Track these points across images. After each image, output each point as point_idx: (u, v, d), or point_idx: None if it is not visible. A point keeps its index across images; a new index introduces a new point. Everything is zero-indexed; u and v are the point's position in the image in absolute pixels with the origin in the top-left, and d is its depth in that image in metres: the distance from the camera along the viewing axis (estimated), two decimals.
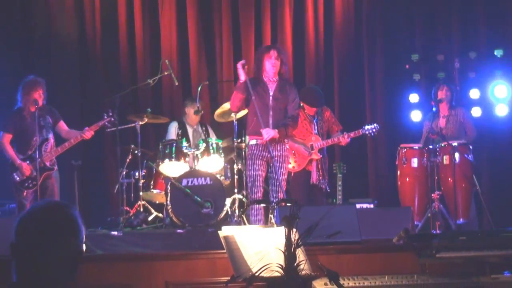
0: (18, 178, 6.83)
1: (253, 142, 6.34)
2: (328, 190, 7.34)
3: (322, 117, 7.40)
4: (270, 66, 6.32)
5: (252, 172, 6.26)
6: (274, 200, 6.13)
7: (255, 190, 6.23)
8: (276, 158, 6.24)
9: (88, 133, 6.99)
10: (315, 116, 7.35)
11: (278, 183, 6.20)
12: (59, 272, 2.10)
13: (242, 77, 6.27)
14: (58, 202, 2.27)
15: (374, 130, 7.40)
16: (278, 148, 6.28)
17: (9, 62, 8.81)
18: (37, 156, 6.71)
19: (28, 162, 6.81)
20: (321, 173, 7.25)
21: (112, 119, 7.14)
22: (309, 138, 7.29)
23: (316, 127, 7.31)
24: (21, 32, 8.94)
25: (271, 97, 6.32)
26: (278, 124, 6.28)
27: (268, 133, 6.17)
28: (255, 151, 6.29)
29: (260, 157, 6.26)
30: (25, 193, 6.76)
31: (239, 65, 6.31)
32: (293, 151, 7.26)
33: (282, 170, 6.25)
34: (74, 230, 2.15)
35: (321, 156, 7.27)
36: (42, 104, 6.97)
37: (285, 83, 6.43)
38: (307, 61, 9.40)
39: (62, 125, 7.18)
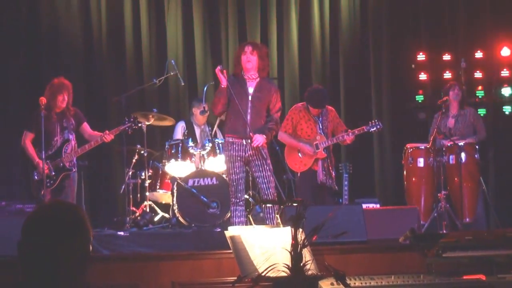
0: (36, 177, 6.89)
1: (229, 140, 6.32)
2: (337, 188, 7.31)
3: (327, 117, 7.38)
4: (246, 61, 6.29)
5: (233, 176, 6.24)
6: (267, 198, 6.17)
7: (239, 195, 6.23)
8: (256, 157, 6.22)
9: (108, 137, 7.02)
10: (320, 116, 7.33)
11: (266, 180, 6.21)
12: (65, 273, 2.10)
13: (224, 82, 6.25)
14: (65, 202, 2.27)
15: (377, 126, 7.36)
16: (258, 148, 6.25)
17: (15, 62, 8.83)
18: (43, 155, 6.73)
19: (47, 161, 6.86)
20: (327, 172, 7.23)
21: (133, 124, 7.16)
22: (314, 138, 7.27)
23: (321, 127, 7.29)
24: (27, 32, 8.95)
25: (250, 96, 6.29)
26: (256, 124, 6.25)
27: (258, 140, 6.17)
28: (232, 152, 6.26)
29: (238, 158, 6.24)
30: (42, 192, 6.80)
31: (217, 71, 6.29)
32: (299, 151, 7.26)
33: (265, 166, 6.23)
34: (81, 230, 2.15)
35: (326, 155, 7.25)
36: (66, 106, 7.03)
37: (266, 82, 6.39)
38: (313, 59, 9.39)
39: (86, 127, 7.22)
